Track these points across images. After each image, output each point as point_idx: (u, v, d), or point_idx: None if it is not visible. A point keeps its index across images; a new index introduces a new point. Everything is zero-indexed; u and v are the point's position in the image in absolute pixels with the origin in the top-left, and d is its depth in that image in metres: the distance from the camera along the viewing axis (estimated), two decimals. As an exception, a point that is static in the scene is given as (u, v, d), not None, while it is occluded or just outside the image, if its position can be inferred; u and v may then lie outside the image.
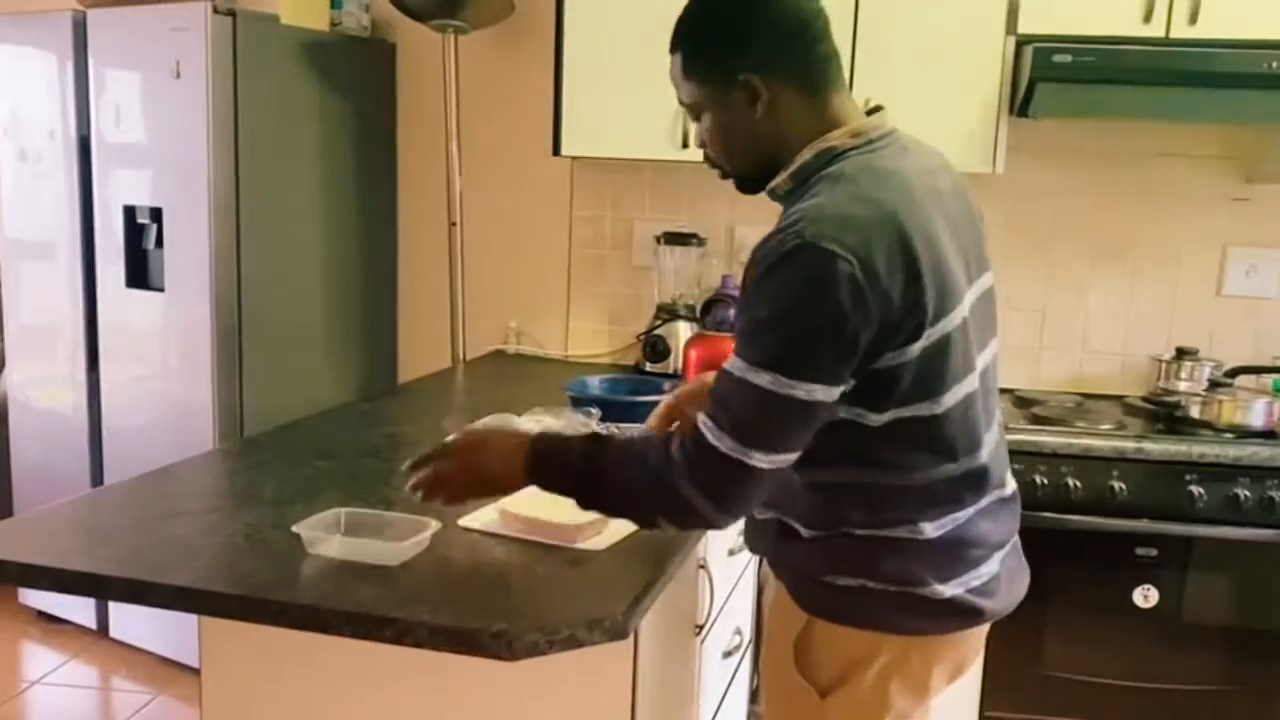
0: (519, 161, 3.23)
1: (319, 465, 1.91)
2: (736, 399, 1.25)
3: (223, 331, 2.81)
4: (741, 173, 1.45)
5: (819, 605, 1.41)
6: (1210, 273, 2.92)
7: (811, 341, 1.23)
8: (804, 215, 1.26)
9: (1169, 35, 2.48)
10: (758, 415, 1.25)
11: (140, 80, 2.84)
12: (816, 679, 1.42)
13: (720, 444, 1.25)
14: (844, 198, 1.28)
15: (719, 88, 1.39)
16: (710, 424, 1.27)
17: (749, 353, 1.25)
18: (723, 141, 1.43)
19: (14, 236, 3.22)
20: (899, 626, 1.38)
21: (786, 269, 1.23)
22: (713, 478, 1.27)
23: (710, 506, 1.28)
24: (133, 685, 2.98)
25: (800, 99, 1.37)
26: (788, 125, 1.38)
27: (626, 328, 3.20)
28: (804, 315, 1.23)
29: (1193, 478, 2.42)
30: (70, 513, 1.64)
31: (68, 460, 3.18)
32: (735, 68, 1.36)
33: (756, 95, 1.36)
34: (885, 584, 1.36)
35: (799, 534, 1.41)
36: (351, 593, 1.32)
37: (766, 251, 1.26)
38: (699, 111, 1.43)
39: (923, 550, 1.36)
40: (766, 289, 1.25)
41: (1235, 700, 2.49)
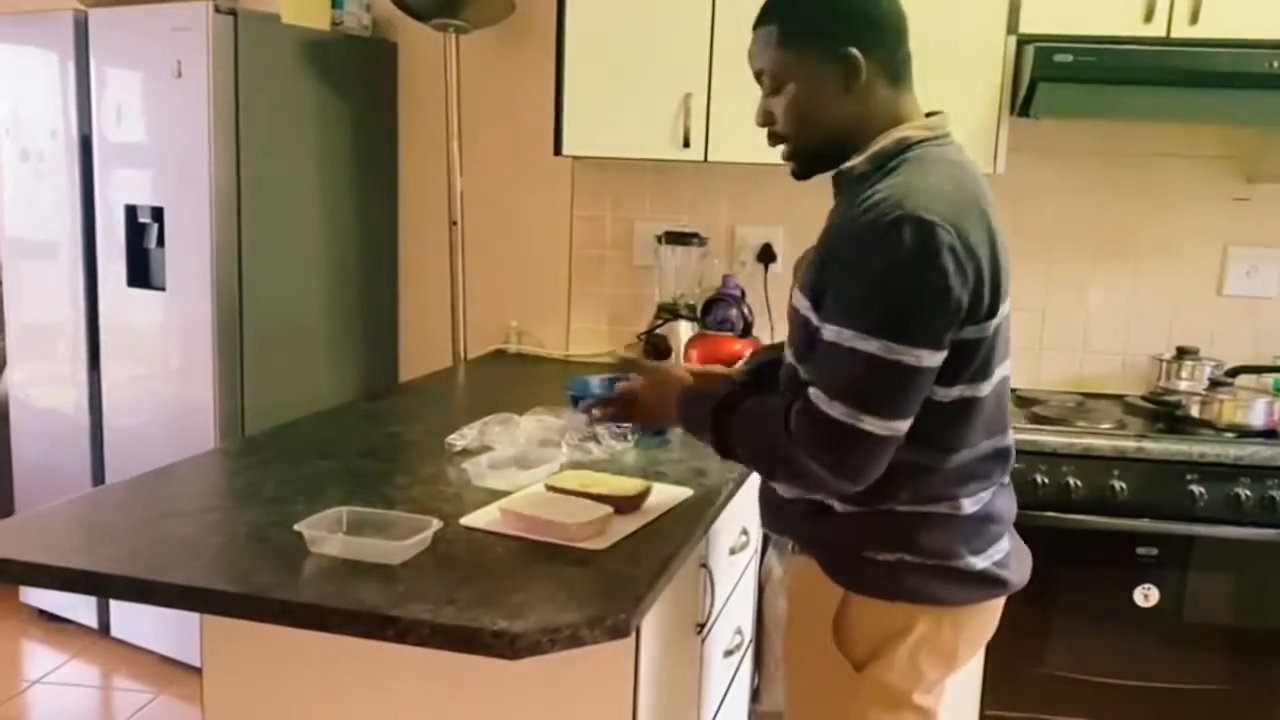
0: (520, 161, 3.23)
1: (320, 464, 1.91)
2: (846, 366, 1.31)
3: (224, 331, 2.81)
4: (812, 151, 1.49)
5: (856, 579, 1.46)
6: (1211, 272, 2.92)
7: (919, 307, 1.29)
8: (895, 190, 1.33)
9: (1170, 35, 2.48)
10: (868, 381, 1.30)
11: (141, 79, 2.85)
12: (851, 652, 1.46)
13: (831, 411, 1.30)
14: (932, 178, 1.36)
15: (818, 59, 1.43)
16: (819, 394, 1.32)
17: (856, 321, 1.30)
18: (803, 116, 1.46)
19: (15, 236, 3.22)
20: (935, 598, 1.44)
21: (890, 239, 1.29)
22: (827, 445, 1.32)
23: (828, 473, 1.33)
24: (134, 684, 2.98)
25: (884, 88, 1.45)
26: (869, 110, 1.45)
27: (627, 327, 3.20)
28: (911, 282, 1.29)
29: (1193, 477, 2.42)
30: (72, 512, 1.64)
31: (69, 459, 3.18)
32: (841, 41, 1.42)
33: (856, 71, 1.42)
34: (923, 557, 1.43)
35: (833, 510, 1.45)
36: (353, 591, 1.32)
37: (862, 226, 1.32)
38: (783, 83, 1.47)
39: (959, 525, 1.44)
40: (870, 259, 1.30)
41: (1236, 700, 2.49)
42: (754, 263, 3.09)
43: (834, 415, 1.30)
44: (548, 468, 1.86)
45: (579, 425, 2.04)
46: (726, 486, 1.88)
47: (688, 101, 2.70)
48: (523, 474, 1.82)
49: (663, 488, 1.79)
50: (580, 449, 1.98)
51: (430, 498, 1.73)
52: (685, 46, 2.69)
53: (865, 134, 1.45)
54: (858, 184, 1.42)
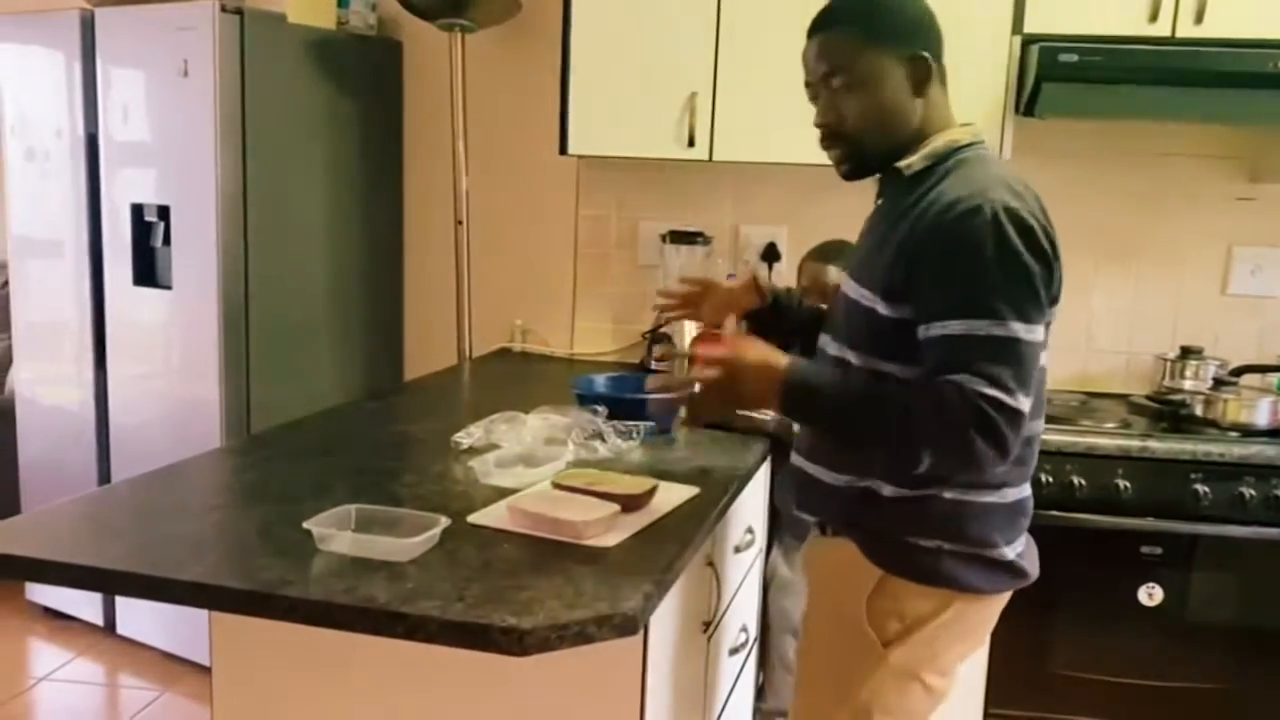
0: (525, 160, 3.24)
1: (326, 462, 1.91)
2: (994, 352, 1.37)
3: (230, 329, 2.82)
4: (874, 151, 1.55)
5: (897, 563, 1.52)
6: (1215, 272, 2.92)
7: (1035, 288, 1.39)
8: (972, 186, 1.42)
9: (1175, 35, 2.48)
10: (1013, 362, 1.37)
11: (147, 78, 2.85)
12: (882, 630, 1.53)
13: (998, 394, 1.35)
14: (997, 177, 1.45)
15: (894, 61, 1.51)
16: (976, 379, 1.36)
17: (989, 309, 1.37)
18: (873, 115, 1.53)
19: (22, 234, 3.23)
20: (970, 585, 1.52)
21: (994, 229, 1.38)
22: (997, 427, 1.36)
23: (993, 452, 1.37)
24: (139, 682, 2.98)
25: (938, 92, 1.56)
26: (928, 112, 1.54)
27: (632, 326, 3.20)
28: (1024, 266, 1.38)
29: (1198, 476, 2.42)
30: (79, 509, 1.64)
31: (75, 457, 3.18)
32: (917, 44, 1.52)
33: (927, 74, 1.52)
34: (963, 545, 1.50)
35: (879, 495, 1.52)
36: (362, 588, 1.33)
37: (952, 220, 1.40)
38: (859, 83, 1.51)
39: (999, 514, 1.52)
40: (982, 250, 1.38)
41: (1239, 699, 2.49)
42: (758, 262, 3.10)
43: (1001, 398, 1.35)
44: (554, 466, 1.86)
45: (585, 423, 2.05)
46: (731, 485, 1.88)
47: (693, 101, 2.71)
48: (530, 472, 1.82)
49: (669, 486, 1.79)
50: (586, 447, 1.99)
51: (438, 495, 1.73)
52: (691, 46, 2.70)
53: (919, 135, 1.54)
54: (911, 183, 1.52)
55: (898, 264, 1.46)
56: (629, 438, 2.05)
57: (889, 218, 1.54)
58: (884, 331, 1.48)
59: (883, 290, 1.48)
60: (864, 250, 1.60)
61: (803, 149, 2.73)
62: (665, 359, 1.77)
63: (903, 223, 1.48)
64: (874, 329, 1.49)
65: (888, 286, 1.47)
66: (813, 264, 2.44)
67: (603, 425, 2.05)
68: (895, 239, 1.48)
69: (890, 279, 1.47)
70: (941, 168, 1.51)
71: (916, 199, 1.48)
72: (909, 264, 1.44)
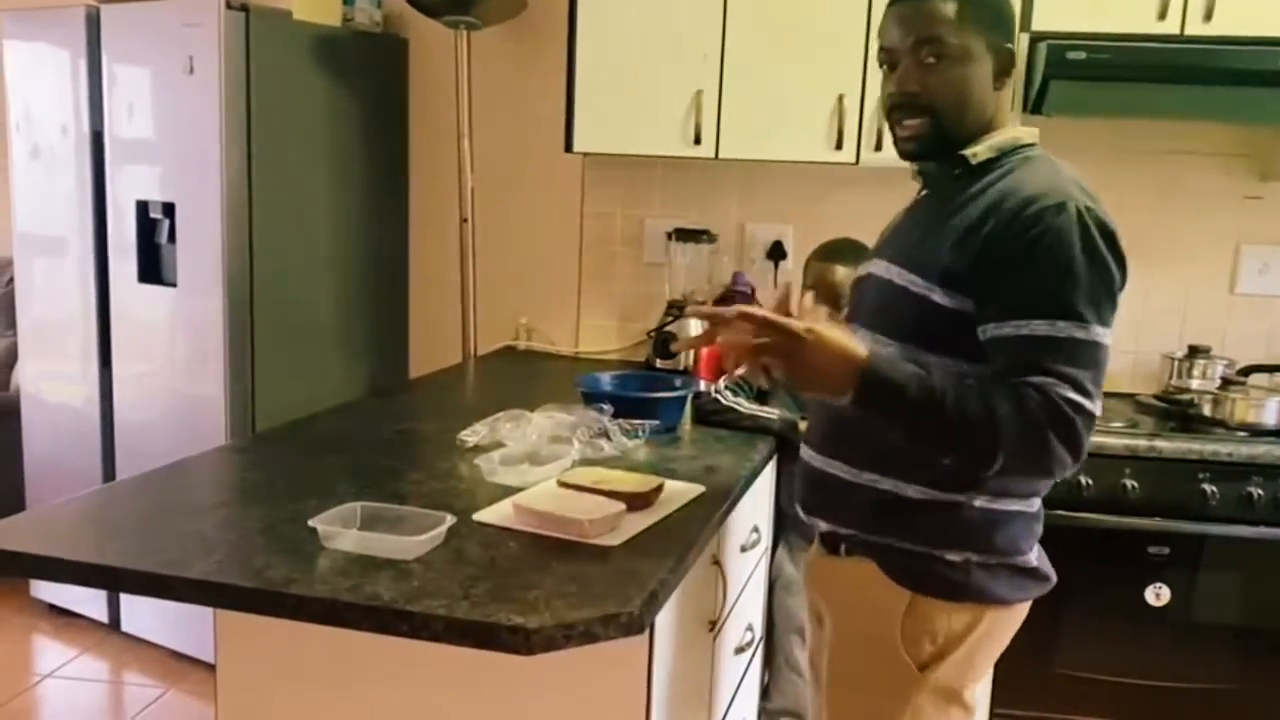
0: (530, 158, 3.23)
1: (332, 460, 1.91)
2: (1075, 355, 1.34)
3: (234, 326, 2.81)
4: (948, 131, 1.50)
5: (925, 582, 1.47)
6: (1223, 271, 2.91)
7: (1112, 291, 1.39)
8: (1054, 184, 1.40)
9: (1183, 32, 2.47)
10: (1094, 367, 1.35)
11: (153, 75, 2.85)
12: (916, 654, 1.48)
13: (1080, 399, 1.33)
14: (1070, 177, 1.44)
15: (988, 47, 1.49)
16: (1058, 382, 1.33)
17: (1071, 311, 1.34)
18: (958, 93, 1.49)
19: (26, 231, 3.23)
20: (1000, 597, 1.48)
21: (1079, 229, 1.36)
22: (1077, 432, 1.33)
23: (1069, 457, 1.35)
24: (144, 679, 2.98)
25: (1004, 89, 1.53)
26: (999, 105, 1.53)
27: (637, 324, 3.20)
28: (1107, 269, 1.38)
29: (1205, 476, 2.41)
30: (84, 507, 1.64)
31: (80, 455, 3.18)
32: (1006, 37, 1.51)
33: (1009, 67, 1.51)
34: (991, 556, 1.47)
35: (906, 500, 1.46)
36: (367, 587, 1.32)
37: (1034, 217, 1.37)
38: (955, 57, 1.47)
39: (1025, 521, 1.50)
40: (1067, 250, 1.35)
41: (1247, 699, 2.48)
42: (764, 260, 3.09)
43: (1082, 402, 1.33)
44: (560, 464, 1.86)
45: (590, 421, 2.04)
46: (737, 483, 1.88)
47: (699, 98, 2.70)
48: (535, 470, 1.82)
49: (674, 484, 1.79)
50: (592, 446, 1.98)
51: (443, 493, 1.73)
52: (697, 43, 2.69)
53: (987, 126, 1.52)
54: (974, 173, 1.49)
55: (962, 251, 1.41)
56: (634, 436, 2.05)
57: (945, 206, 1.49)
58: (935, 321, 1.43)
59: (940, 277, 1.42)
60: (909, 236, 1.54)
61: (809, 146, 2.77)
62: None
63: (965, 211, 1.44)
64: (923, 318, 1.44)
65: (947, 274, 1.42)
66: (818, 263, 2.43)
67: (608, 423, 2.04)
68: (957, 226, 1.43)
69: (951, 266, 1.41)
70: (1007, 161, 1.49)
71: (980, 189, 1.45)
72: (978, 254, 1.40)
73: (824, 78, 2.61)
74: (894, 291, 1.49)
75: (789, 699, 2.37)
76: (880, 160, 2.62)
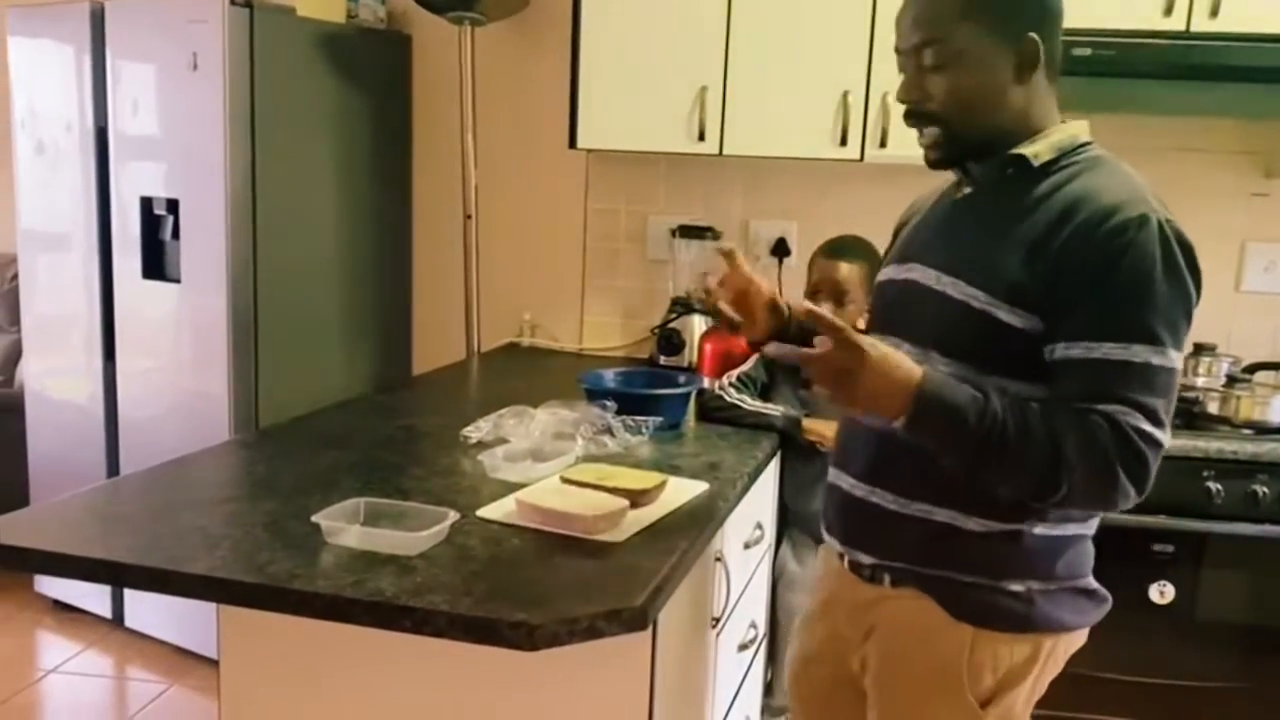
0: (534, 154, 3.23)
1: (335, 456, 1.91)
2: (1150, 383, 1.25)
3: (238, 323, 2.81)
4: (966, 138, 1.38)
5: (987, 615, 1.37)
6: (1229, 268, 2.90)
7: (1189, 312, 1.29)
8: (1131, 193, 1.29)
9: (1190, 29, 2.46)
10: (1168, 395, 1.27)
11: (157, 72, 2.85)
12: (977, 692, 1.39)
13: (1154, 430, 1.25)
14: (1142, 184, 1.33)
15: (999, 41, 1.34)
16: (1131, 411, 1.24)
17: (1150, 335, 1.25)
18: (970, 96, 1.36)
19: (31, 228, 3.23)
20: (1061, 625, 1.39)
21: (1161, 246, 1.26)
22: (1147, 465, 1.25)
23: (1134, 490, 1.27)
24: (148, 675, 2.99)
25: (1046, 82, 1.39)
26: (1033, 101, 1.38)
27: (640, 321, 3.20)
28: (1186, 289, 1.28)
29: (1210, 474, 2.40)
30: (88, 502, 1.64)
31: (84, 451, 3.19)
32: (1026, 24, 1.34)
33: (1034, 59, 1.35)
34: (1051, 583, 1.38)
35: (961, 531, 1.36)
36: (371, 582, 1.32)
37: (1114, 232, 1.26)
38: (952, 58, 1.35)
39: (1085, 544, 1.42)
40: (1147, 269, 1.25)
41: (1250, 698, 2.48)
42: (768, 257, 3.08)
43: (1156, 434, 1.25)
44: (563, 460, 1.86)
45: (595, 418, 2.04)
46: (740, 480, 1.88)
47: (703, 95, 2.70)
48: (538, 466, 1.82)
49: (678, 481, 1.79)
50: (595, 442, 1.98)
51: (446, 490, 1.73)
52: (701, 39, 2.69)
53: (1025, 126, 1.37)
54: (1035, 175, 1.35)
55: (1032, 266, 1.28)
56: (638, 432, 2.05)
57: (1005, 212, 1.35)
58: (998, 340, 1.31)
59: (1007, 293, 1.30)
60: (963, 243, 1.39)
61: (813, 143, 2.76)
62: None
63: (1033, 219, 1.31)
64: (984, 335, 1.31)
65: (1015, 290, 1.29)
66: (824, 260, 2.42)
67: (612, 420, 2.04)
68: (1026, 236, 1.30)
69: (1019, 281, 1.29)
70: (1073, 162, 1.35)
71: (1048, 192, 1.32)
72: (1051, 269, 1.27)
73: (828, 74, 2.61)
74: (950, 306, 1.35)
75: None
76: (885, 156, 2.61)
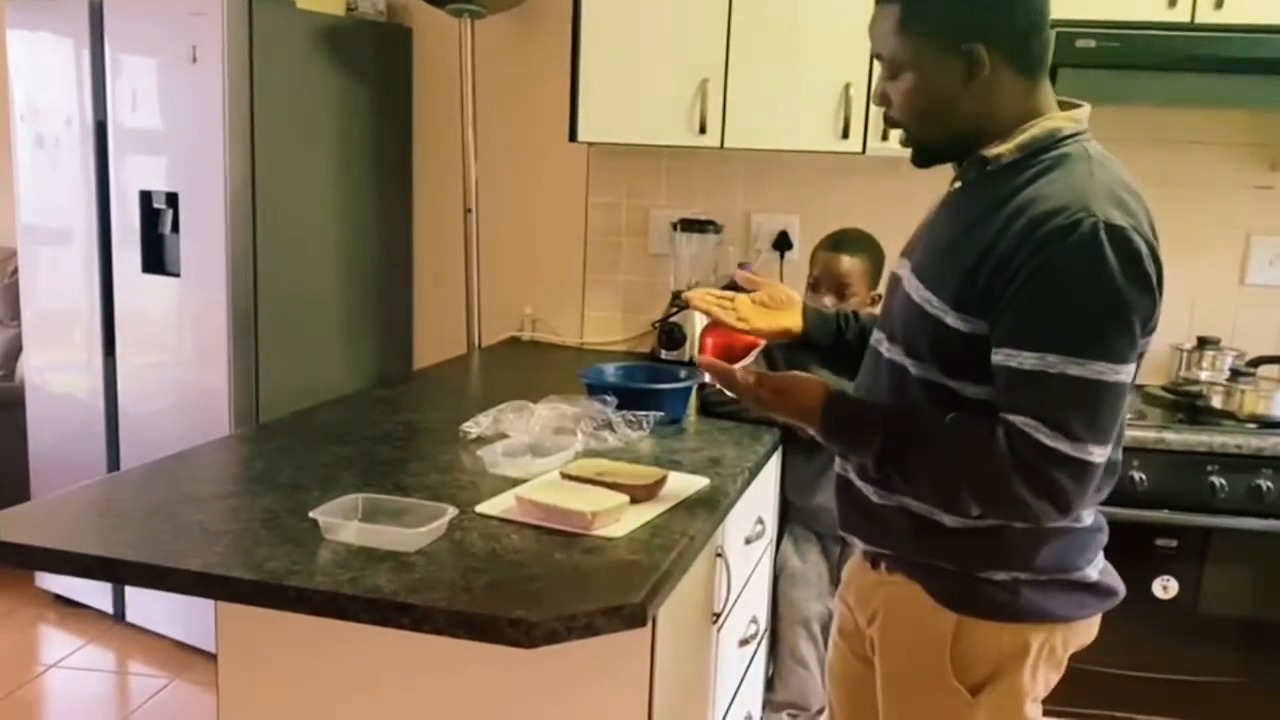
0: (535, 148, 3.22)
1: (335, 451, 1.90)
2: (1065, 395, 1.21)
3: (238, 317, 2.81)
4: (928, 141, 1.39)
5: (971, 603, 1.38)
6: (1233, 261, 2.89)
7: (1129, 324, 1.22)
8: (1074, 191, 1.24)
9: (1194, 20, 2.45)
10: (1090, 409, 1.21)
11: (157, 65, 2.84)
12: (967, 679, 1.39)
13: (1060, 446, 1.21)
14: (1103, 177, 1.28)
15: (936, 52, 1.33)
16: (1038, 425, 1.22)
17: (1069, 345, 1.21)
18: (919, 107, 1.37)
19: (30, 222, 3.22)
20: (1053, 615, 1.38)
21: (1092, 252, 1.20)
22: (1053, 481, 1.22)
23: (1048, 506, 1.24)
24: (149, 670, 2.99)
25: (1014, 79, 1.34)
26: (996, 103, 1.34)
27: (642, 315, 3.19)
28: (1120, 298, 1.21)
29: (1214, 468, 2.40)
30: (87, 497, 1.64)
31: (84, 446, 3.18)
32: (963, 35, 1.31)
33: (977, 68, 1.32)
34: (1040, 574, 1.36)
35: (943, 526, 1.37)
36: (369, 579, 1.32)
37: (1051, 233, 1.22)
38: (898, 69, 1.36)
39: (1077, 537, 1.38)
40: (1073, 275, 1.21)
41: (1254, 692, 2.47)
42: (770, 250, 3.07)
43: (1061, 449, 1.21)
44: (563, 456, 1.85)
45: (595, 412, 2.03)
46: (741, 475, 1.87)
47: (704, 87, 2.68)
48: (538, 462, 1.81)
49: (678, 476, 1.78)
50: (596, 437, 1.97)
51: (445, 485, 1.72)
52: (702, 32, 2.67)
53: (994, 127, 1.35)
54: (1002, 175, 1.33)
55: (979, 272, 1.27)
56: (638, 428, 2.04)
57: (971, 212, 1.34)
58: (950, 344, 1.31)
59: (953, 299, 1.30)
60: (933, 245, 1.40)
61: (815, 136, 2.75)
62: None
63: (989, 223, 1.29)
64: (937, 340, 1.32)
65: (960, 295, 1.29)
66: (825, 253, 2.41)
67: (612, 415, 2.03)
68: (979, 242, 1.29)
69: (965, 287, 1.29)
70: (1040, 160, 1.32)
71: (1008, 195, 1.29)
72: (992, 275, 1.26)
73: (830, 66, 2.59)
74: (911, 309, 1.38)
75: (793, 691, 2.36)
76: (887, 149, 2.60)
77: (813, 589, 2.37)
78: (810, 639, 2.35)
